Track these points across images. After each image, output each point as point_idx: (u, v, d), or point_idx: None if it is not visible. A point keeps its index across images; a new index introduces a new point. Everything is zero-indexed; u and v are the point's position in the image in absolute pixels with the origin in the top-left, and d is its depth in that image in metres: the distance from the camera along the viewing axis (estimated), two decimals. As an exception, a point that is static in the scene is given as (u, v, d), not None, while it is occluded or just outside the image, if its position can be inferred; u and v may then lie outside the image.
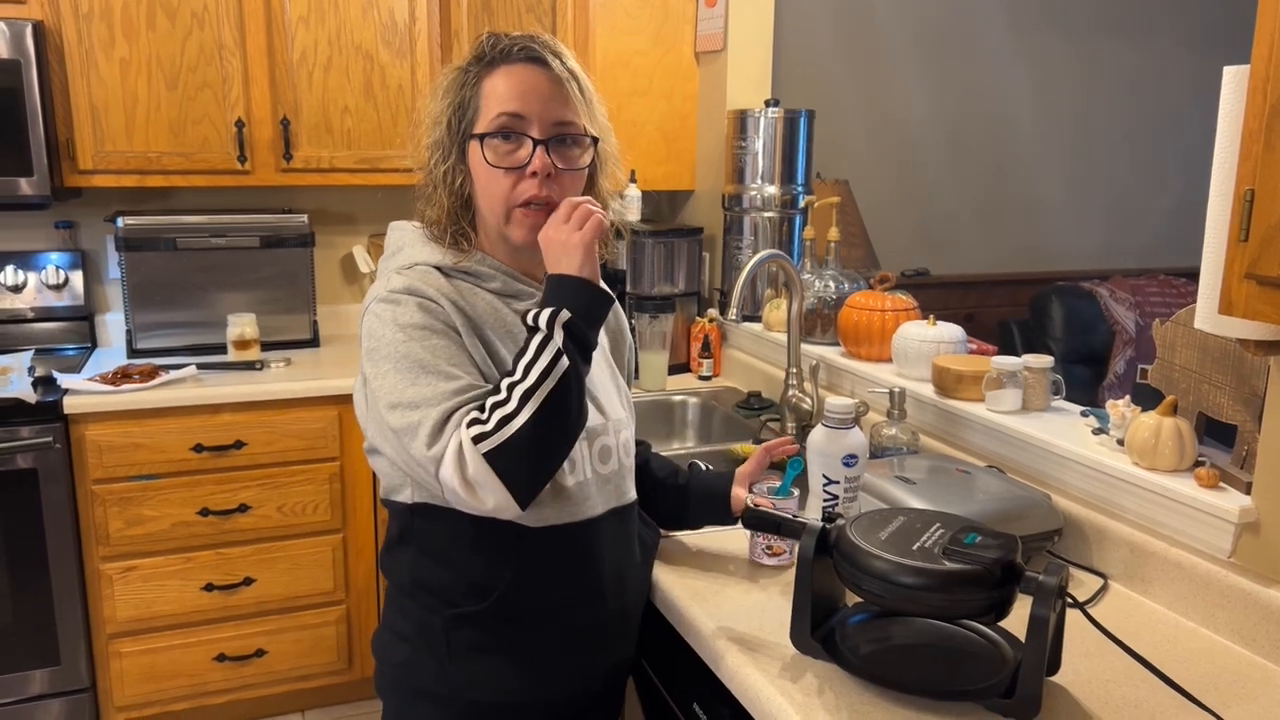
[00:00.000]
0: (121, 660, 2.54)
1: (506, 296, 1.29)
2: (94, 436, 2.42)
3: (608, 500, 1.32)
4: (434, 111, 1.27)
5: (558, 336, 1.15)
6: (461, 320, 1.22)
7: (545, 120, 1.21)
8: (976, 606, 1.07)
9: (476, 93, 1.23)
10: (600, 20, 2.58)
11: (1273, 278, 0.91)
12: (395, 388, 1.17)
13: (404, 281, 1.23)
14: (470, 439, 1.12)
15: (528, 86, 1.21)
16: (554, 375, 1.14)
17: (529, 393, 1.13)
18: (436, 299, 1.21)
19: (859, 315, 2.10)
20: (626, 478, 1.37)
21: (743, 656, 1.20)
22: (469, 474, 1.12)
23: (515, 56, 1.22)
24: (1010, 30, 3.84)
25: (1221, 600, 1.27)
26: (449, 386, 1.16)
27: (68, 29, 2.52)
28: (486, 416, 1.13)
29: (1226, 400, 1.38)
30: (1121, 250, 4.18)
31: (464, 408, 1.15)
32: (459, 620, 1.27)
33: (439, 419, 1.14)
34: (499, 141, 1.21)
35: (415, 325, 1.19)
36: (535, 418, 1.13)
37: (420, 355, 1.18)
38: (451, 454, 1.12)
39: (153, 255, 2.73)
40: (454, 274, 1.27)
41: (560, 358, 1.15)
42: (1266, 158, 0.90)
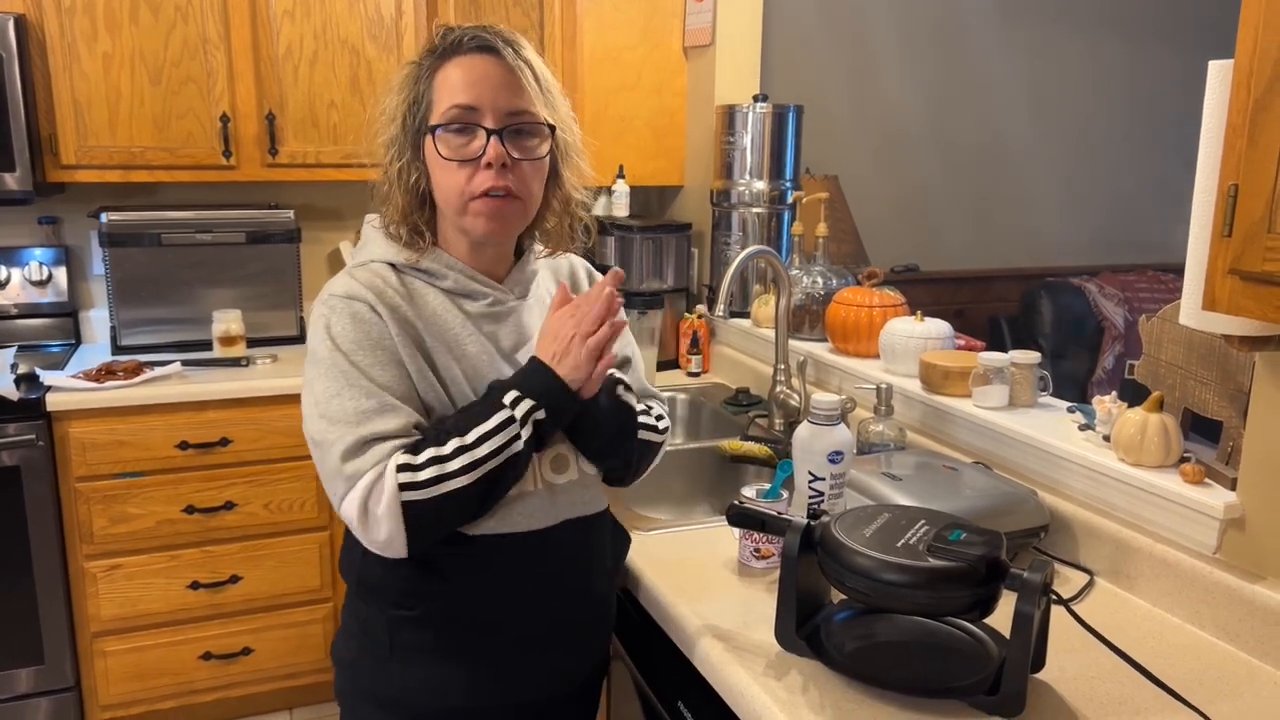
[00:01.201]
0: (106, 659, 2.53)
1: (458, 295, 1.26)
2: (78, 434, 2.40)
3: (562, 511, 1.27)
4: (388, 108, 1.24)
5: (525, 431, 1.16)
6: (399, 329, 1.19)
7: (499, 110, 1.18)
8: (961, 603, 1.07)
9: (430, 86, 1.21)
10: (588, 15, 2.57)
11: (1256, 273, 0.91)
12: (320, 398, 1.17)
13: (345, 286, 1.21)
14: (396, 484, 1.11)
15: (478, 76, 1.18)
16: (503, 456, 1.15)
17: (474, 464, 1.14)
18: (375, 305, 1.19)
19: (847, 311, 2.09)
20: (589, 488, 1.32)
21: (727, 654, 1.19)
22: (376, 509, 1.12)
23: (466, 47, 1.19)
24: (1001, 26, 3.84)
25: (1206, 596, 1.27)
26: (368, 405, 1.15)
27: (50, 23, 2.50)
28: (421, 465, 1.13)
29: (1212, 396, 1.38)
30: (1111, 246, 4.19)
31: (388, 442, 1.14)
32: (400, 621, 1.25)
33: (355, 442, 1.13)
34: (452, 134, 1.18)
35: (346, 337, 1.17)
36: (469, 488, 1.14)
37: (346, 369, 1.16)
38: (367, 483, 1.12)
39: (137, 251, 2.70)
40: (408, 271, 1.25)
41: (516, 443, 1.15)
42: (1250, 153, 0.89)
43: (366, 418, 1.14)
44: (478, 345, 1.25)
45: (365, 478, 1.13)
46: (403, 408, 1.17)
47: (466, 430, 1.15)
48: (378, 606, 1.26)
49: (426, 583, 1.23)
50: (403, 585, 1.24)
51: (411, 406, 1.18)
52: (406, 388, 1.19)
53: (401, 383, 1.18)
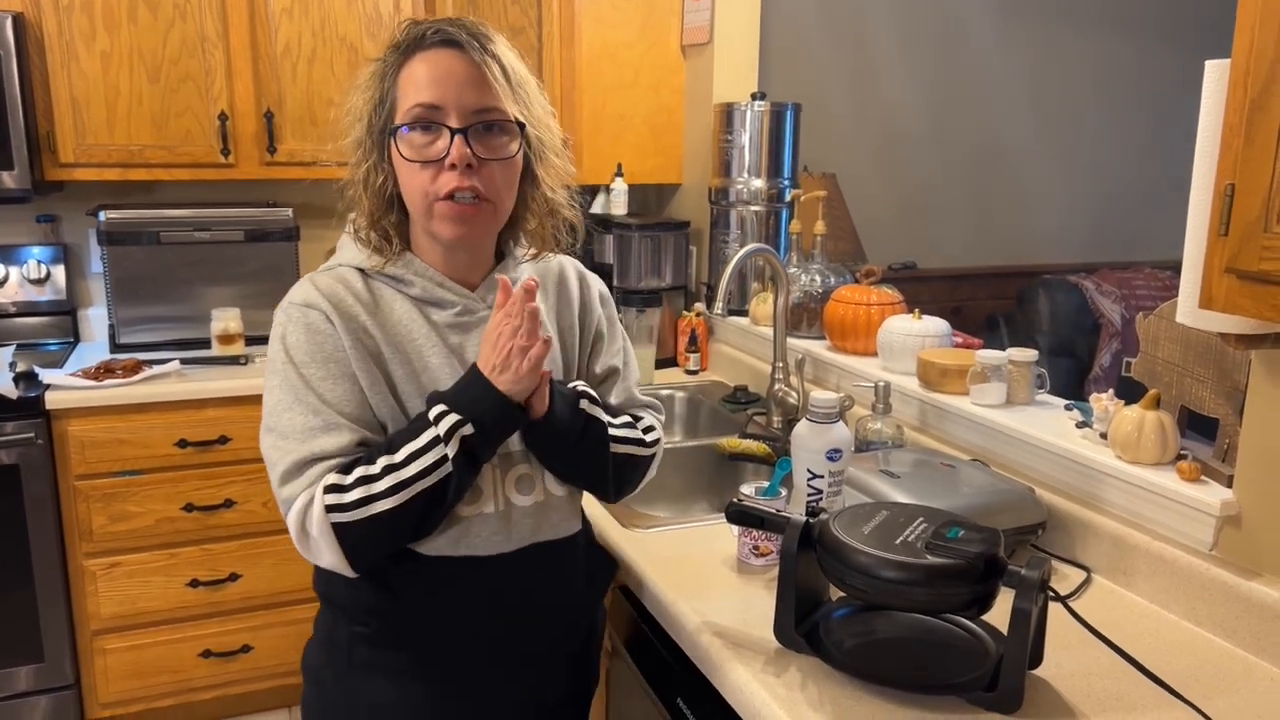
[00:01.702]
0: (106, 657, 2.53)
1: (425, 303, 1.21)
2: (77, 432, 2.40)
3: (526, 535, 1.22)
4: (354, 107, 1.19)
5: (450, 447, 1.10)
6: (354, 340, 1.15)
7: (463, 108, 1.13)
8: (959, 600, 1.08)
9: (394, 84, 1.15)
10: (586, 13, 2.57)
11: (1253, 272, 0.91)
12: (271, 409, 1.15)
13: (304, 293, 1.17)
14: (323, 505, 1.09)
15: (442, 72, 1.13)
16: (433, 476, 1.10)
17: (403, 484, 1.10)
18: (330, 315, 1.15)
19: (845, 309, 2.10)
20: (559, 510, 1.26)
21: (727, 651, 1.20)
22: (311, 531, 1.10)
23: (430, 41, 1.14)
24: (998, 23, 3.84)
25: (1203, 593, 1.28)
26: (313, 422, 1.12)
27: (48, 21, 2.50)
28: (349, 486, 1.09)
29: (1208, 394, 1.38)
30: (1108, 243, 4.20)
31: (325, 462, 1.11)
32: (358, 637, 1.22)
33: (295, 462, 1.11)
34: (415, 134, 1.13)
35: (299, 348, 1.14)
36: (400, 509, 1.10)
37: (296, 382, 1.13)
38: (300, 506, 1.10)
39: (136, 249, 2.70)
40: (376, 277, 1.20)
41: (444, 464, 1.10)
42: (1246, 152, 0.90)
43: (311, 435, 1.12)
44: (441, 358, 1.19)
45: (299, 500, 1.10)
46: (348, 426, 1.13)
47: (397, 447, 1.11)
48: (340, 619, 1.24)
49: (381, 601, 1.20)
50: (360, 601, 1.20)
51: (362, 423, 1.14)
52: (356, 404, 1.15)
53: (351, 399, 1.14)
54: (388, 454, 1.11)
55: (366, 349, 1.16)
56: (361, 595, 1.20)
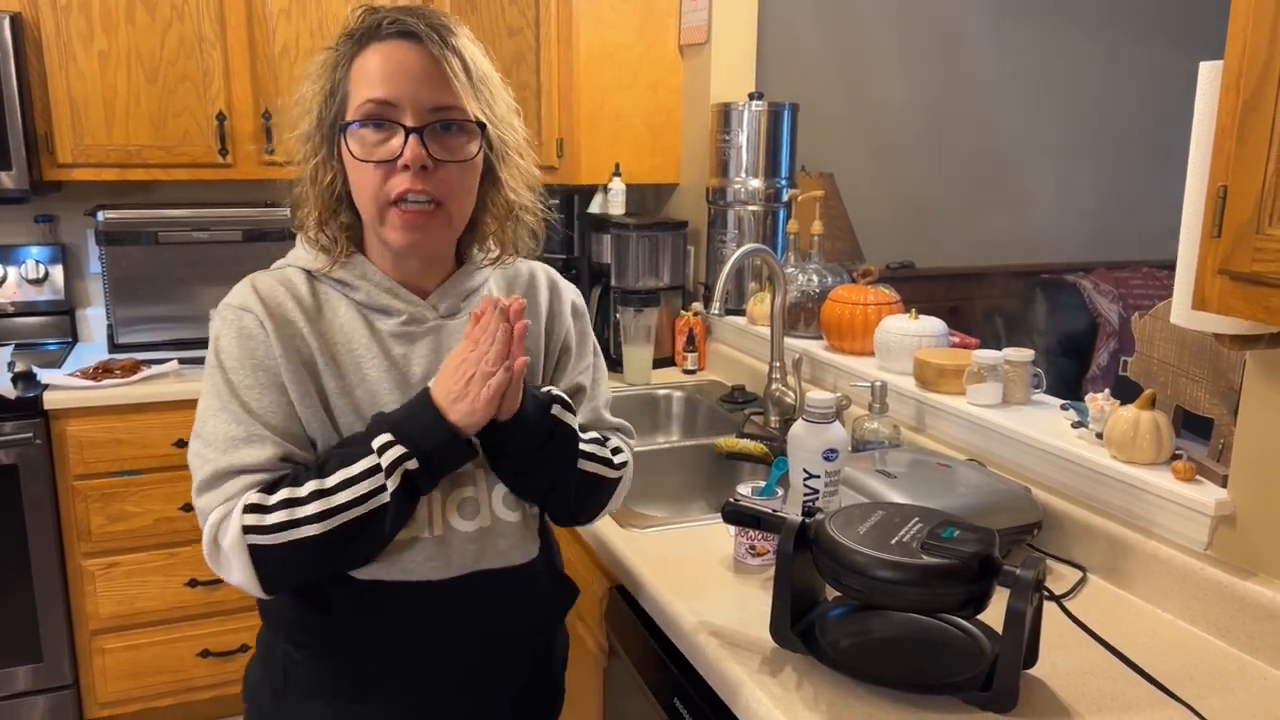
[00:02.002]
0: (104, 657, 2.53)
1: (370, 310, 1.14)
2: (75, 432, 2.40)
3: (468, 562, 1.14)
4: (303, 98, 1.11)
5: (391, 482, 1.03)
6: (285, 348, 1.08)
7: (419, 105, 1.05)
8: (954, 600, 1.08)
9: (346, 76, 1.08)
10: (584, 14, 2.57)
11: (1245, 273, 0.92)
12: (200, 415, 1.10)
13: (240, 295, 1.11)
14: (240, 525, 1.03)
15: (396, 66, 1.05)
16: (365, 506, 1.04)
17: (329, 512, 1.03)
18: (263, 320, 1.08)
19: (842, 309, 2.10)
20: (507, 536, 1.17)
21: (723, 651, 1.20)
22: (224, 546, 1.04)
23: (385, 32, 1.06)
24: (995, 23, 3.84)
25: (1198, 592, 1.28)
26: (236, 432, 1.06)
27: (46, 21, 2.50)
28: (271, 507, 1.03)
29: (1204, 394, 1.39)
30: (1105, 242, 4.20)
31: (245, 476, 1.05)
32: (291, 657, 1.17)
33: (214, 473, 1.06)
34: (367, 131, 1.06)
35: (230, 353, 1.09)
36: (324, 537, 1.03)
37: (222, 388, 1.08)
38: (215, 519, 1.05)
39: (134, 249, 2.70)
40: (323, 279, 1.14)
41: (381, 495, 1.04)
42: (1239, 154, 0.90)
43: (233, 445, 1.06)
44: (380, 370, 1.12)
45: (214, 513, 1.05)
46: (272, 439, 1.07)
47: (328, 472, 1.04)
48: (277, 637, 1.19)
49: (315, 621, 1.14)
50: (296, 619, 1.15)
51: (288, 437, 1.08)
52: (284, 416, 1.08)
53: (279, 410, 1.08)
54: (318, 478, 1.04)
55: (300, 357, 1.09)
56: (297, 613, 1.15)
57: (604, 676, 1.62)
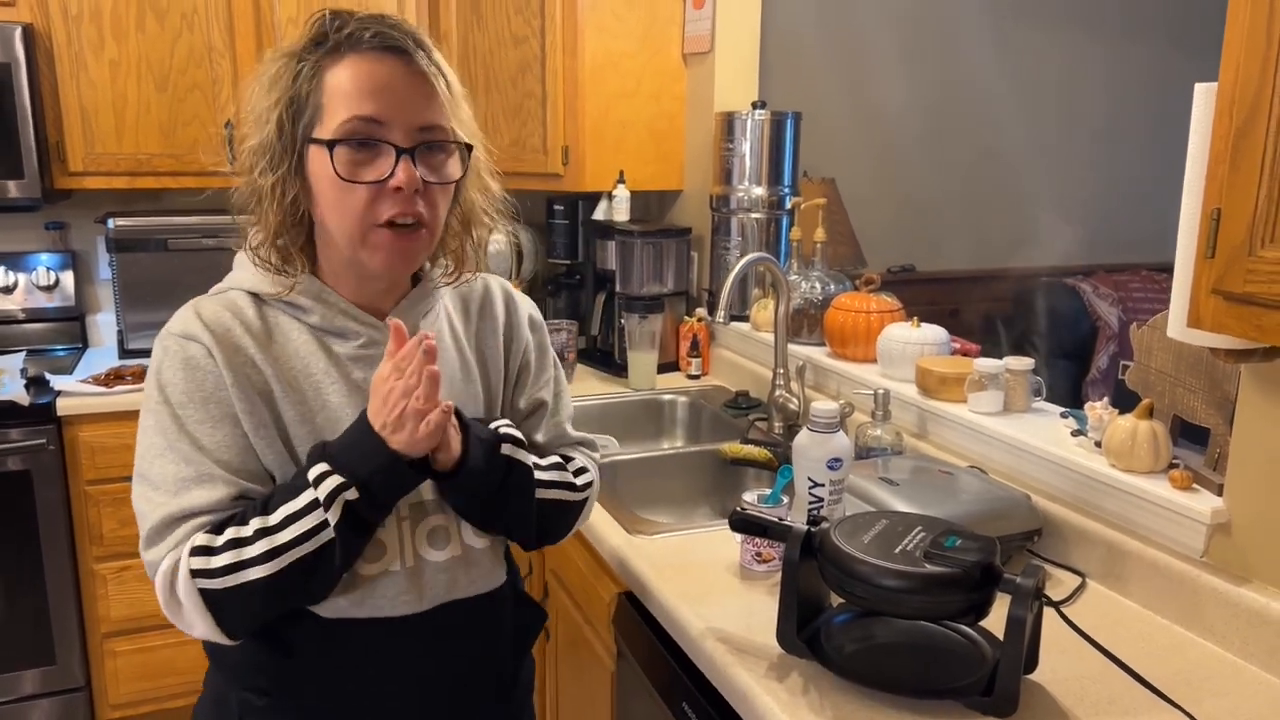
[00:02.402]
0: (116, 659, 2.57)
1: (325, 334, 1.08)
2: (87, 438, 2.43)
3: (441, 593, 1.11)
4: (258, 109, 1.03)
5: (332, 515, 0.98)
6: (237, 378, 1.02)
7: (409, 124, 1.01)
8: (956, 608, 1.11)
9: (317, 87, 1.00)
10: (589, 22, 2.60)
11: (1238, 293, 0.95)
12: (142, 455, 1.03)
13: (184, 323, 1.05)
14: (188, 570, 0.97)
15: (383, 82, 1.00)
16: (312, 543, 0.98)
17: (276, 551, 0.98)
18: (212, 349, 1.02)
19: (845, 317, 2.13)
20: (479, 564, 1.14)
21: (730, 656, 1.23)
22: (179, 595, 0.99)
23: (367, 43, 1.00)
24: (994, 28, 3.87)
25: (1194, 598, 1.31)
26: (186, 473, 1.00)
27: (57, 31, 2.53)
28: (218, 548, 0.98)
29: (1200, 404, 1.42)
30: (1104, 246, 4.23)
31: (198, 519, 1.00)
32: (249, 703, 1.10)
33: (163, 519, 1.00)
34: (352, 149, 1.00)
35: (176, 386, 1.02)
36: (274, 577, 0.98)
37: (168, 426, 1.01)
38: (166, 569, 0.99)
39: (144, 256, 2.73)
40: (272, 303, 1.08)
41: (324, 530, 0.98)
42: (1232, 179, 0.93)
43: (183, 487, 1.00)
44: (341, 395, 1.07)
45: (164, 563, 0.99)
46: (223, 477, 1.01)
47: (272, 509, 0.99)
48: (230, 681, 1.12)
49: (277, 666, 1.08)
50: (252, 662, 1.09)
51: (243, 474, 1.02)
52: (237, 450, 1.02)
53: (232, 445, 1.02)
54: (262, 514, 0.99)
55: (254, 386, 1.03)
56: (254, 656, 1.09)
57: (613, 681, 1.65)
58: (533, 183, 2.76)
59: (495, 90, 2.75)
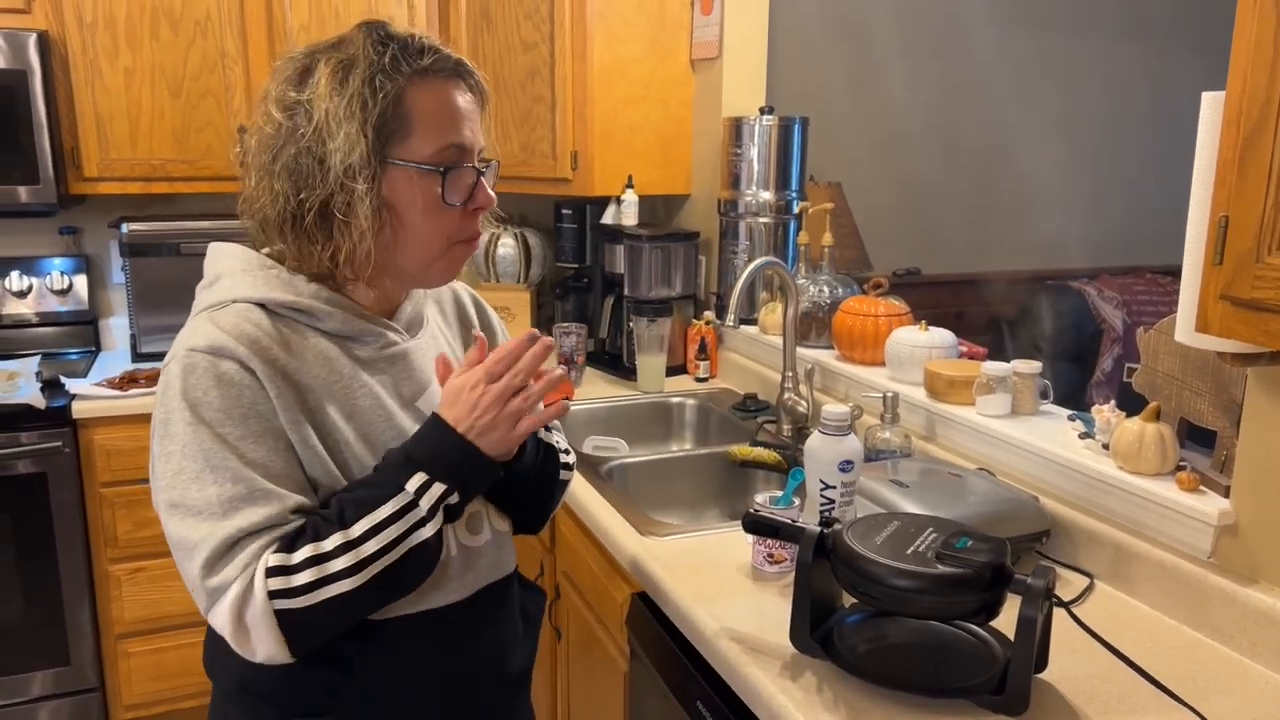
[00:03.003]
0: (129, 660, 2.59)
1: (345, 339, 1.08)
2: (102, 440, 2.46)
3: (479, 578, 1.15)
4: (335, 112, 1.00)
5: (435, 520, 0.99)
6: (279, 389, 1.00)
7: (476, 148, 1.08)
8: (968, 608, 1.13)
9: (400, 107, 1.01)
10: (598, 29, 2.62)
11: (1245, 299, 0.96)
12: (176, 481, 0.97)
13: (208, 337, 1.00)
14: (265, 591, 0.94)
15: (462, 108, 1.06)
16: (404, 546, 0.98)
17: (363, 563, 0.96)
18: (247, 362, 0.99)
19: (853, 320, 2.15)
20: (501, 547, 1.20)
21: (744, 656, 1.25)
22: (247, 619, 0.95)
23: (440, 69, 1.04)
24: (1000, 31, 3.89)
25: (1201, 599, 1.33)
26: (235, 491, 0.96)
27: (72, 39, 2.55)
28: (296, 566, 0.95)
29: (1207, 407, 1.43)
30: (1109, 249, 4.25)
31: (261, 538, 0.96)
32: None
33: (222, 543, 0.95)
34: (463, 175, 1.05)
35: (210, 405, 0.97)
36: (360, 590, 0.97)
37: (209, 446, 0.96)
38: (236, 595, 0.94)
39: (156, 260, 2.76)
40: (282, 312, 1.05)
41: (420, 530, 0.98)
42: (1240, 187, 0.95)
43: (234, 507, 0.95)
44: (370, 398, 1.08)
45: (233, 589, 0.94)
46: (278, 491, 0.98)
47: (353, 519, 0.98)
48: (266, 713, 1.09)
49: (331, 682, 1.07)
50: (302, 687, 1.06)
51: (293, 484, 1.00)
52: (284, 463, 1.00)
53: (278, 457, 0.99)
54: (341, 528, 0.97)
55: (294, 396, 1.02)
56: (306, 680, 1.06)
57: (626, 681, 1.67)
58: (541, 187, 2.78)
59: (504, 95, 2.77)
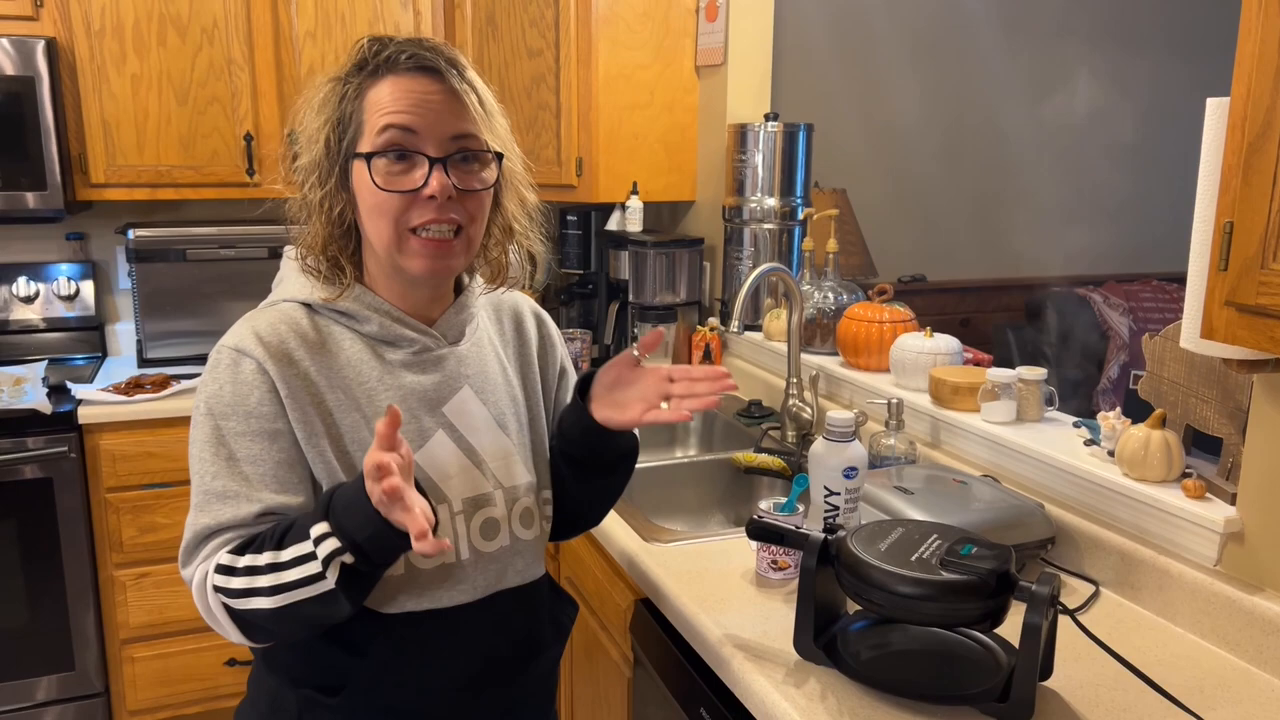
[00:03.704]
0: (134, 665, 2.59)
1: (381, 342, 1.13)
2: (107, 446, 2.46)
3: (493, 583, 1.17)
4: (309, 129, 1.10)
5: (330, 572, 0.97)
6: (292, 390, 1.06)
7: (441, 135, 1.06)
8: (972, 615, 1.12)
9: (359, 106, 1.06)
10: (602, 35, 2.63)
11: (1251, 305, 0.96)
12: (193, 465, 1.07)
13: (239, 336, 1.08)
14: (212, 586, 1.02)
15: (417, 98, 1.05)
16: (313, 589, 0.99)
17: (282, 588, 0.99)
18: (264, 363, 1.05)
19: (858, 327, 2.15)
20: (523, 555, 1.20)
21: (748, 663, 1.25)
22: (212, 606, 1.03)
23: (403, 65, 1.06)
24: (1005, 39, 3.89)
25: (1207, 607, 1.32)
26: (216, 486, 1.04)
27: (80, 46, 2.57)
28: (238, 570, 1.01)
29: (1212, 413, 1.43)
30: (1114, 256, 4.24)
31: (223, 535, 1.03)
32: (312, 702, 1.13)
33: (195, 535, 1.05)
34: (388, 161, 1.05)
35: (222, 399, 1.06)
36: (279, 611, 1.00)
37: (211, 436, 1.05)
38: (197, 582, 1.04)
39: (163, 266, 2.77)
40: (324, 312, 1.12)
41: (320, 582, 0.98)
42: (1244, 192, 0.95)
43: (208, 502, 1.04)
44: (394, 400, 1.11)
45: (195, 575, 1.04)
46: (248, 494, 1.04)
47: (287, 544, 1.00)
48: (287, 683, 1.15)
49: (346, 666, 1.12)
50: (320, 664, 1.12)
51: (274, 485, 1.05)
52: (275, 464, 1.05)
53: (267, 459, 1.05)
54: (277, 547, 1.00)
55: (309, 398, 1.07)
56: (321, 657, 1.12)
57: (629, 687, 1.67)
58: (546, 194, 2.75)
59: (510, 102, 2.78)
